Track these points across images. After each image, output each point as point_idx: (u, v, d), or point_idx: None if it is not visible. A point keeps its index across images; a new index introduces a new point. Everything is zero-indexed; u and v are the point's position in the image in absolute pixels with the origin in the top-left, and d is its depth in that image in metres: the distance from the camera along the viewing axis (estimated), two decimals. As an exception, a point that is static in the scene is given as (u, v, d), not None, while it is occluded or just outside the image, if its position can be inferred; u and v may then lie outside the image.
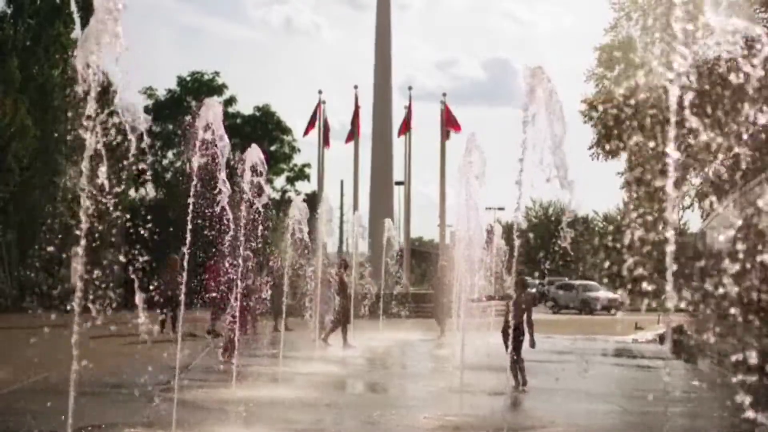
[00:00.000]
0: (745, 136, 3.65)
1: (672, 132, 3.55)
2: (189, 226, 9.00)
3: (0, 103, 29.92)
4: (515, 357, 12.76)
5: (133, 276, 6.69)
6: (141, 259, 6.70)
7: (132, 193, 37.03)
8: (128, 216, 7.20)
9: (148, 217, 7.04)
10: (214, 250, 14.87)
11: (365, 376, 16.25)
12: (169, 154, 43.61)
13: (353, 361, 17.61)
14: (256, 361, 15.85)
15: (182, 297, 10.20)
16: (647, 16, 33.43)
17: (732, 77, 3.44)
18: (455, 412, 11.19)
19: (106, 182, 6.36)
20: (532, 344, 13.14)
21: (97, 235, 6.54)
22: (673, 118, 3.53)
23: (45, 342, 8.66)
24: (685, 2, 3.47)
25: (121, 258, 6.75)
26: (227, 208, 10.39)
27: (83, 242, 6.46)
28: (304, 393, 12.47)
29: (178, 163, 42.55)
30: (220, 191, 10.10)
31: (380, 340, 21.68)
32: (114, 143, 6.43)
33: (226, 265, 12.66)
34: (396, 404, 12.58)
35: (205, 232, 11.70)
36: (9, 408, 10.34)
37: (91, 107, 6.39)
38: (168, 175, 42.53)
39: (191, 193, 9.18)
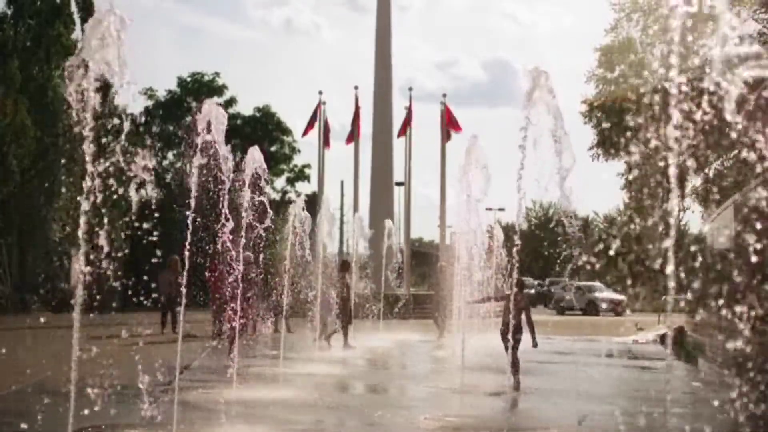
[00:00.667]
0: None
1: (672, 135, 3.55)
2: (190, 230, 8.93)
3: (0, 103, 29.92)
4: (512, 358, 12.73)
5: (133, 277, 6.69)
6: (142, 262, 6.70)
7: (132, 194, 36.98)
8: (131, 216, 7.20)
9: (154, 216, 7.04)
10: (215, 259, 14.88)
11: (366, 377, 16.24)
12: (170, 155, 43.63)
13: (354, 362, 17.59)
14: (257, 362, 15.85)
15: (182, 297, 10.17)
16: (647, 16, 33.43)
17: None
18: (456, 412, 11.20)
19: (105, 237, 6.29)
20: (534, 344, 13.13)
21: (98, 237, 6.54)
22: (674, 118, 3.54)
23: (45, 342, 8.66)
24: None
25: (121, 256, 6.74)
26: (229, 242, 10.40)
27: (84, 243, 6.46)
28: (305, 393, 12.46)
29: (179, 164, 42.55)
30: (223, 225, 10.07)
31: (380, 341, 21.68)
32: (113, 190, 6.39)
33: (228, 267, 12.65)
34: (396, 405, 12.57)
35: (207, 246, 11.70)
36: (9, 408, 10.33)
37: (89, 152, 6.35)
38: (168, 176, 42.52)
39: (192, 202, 9.10)
